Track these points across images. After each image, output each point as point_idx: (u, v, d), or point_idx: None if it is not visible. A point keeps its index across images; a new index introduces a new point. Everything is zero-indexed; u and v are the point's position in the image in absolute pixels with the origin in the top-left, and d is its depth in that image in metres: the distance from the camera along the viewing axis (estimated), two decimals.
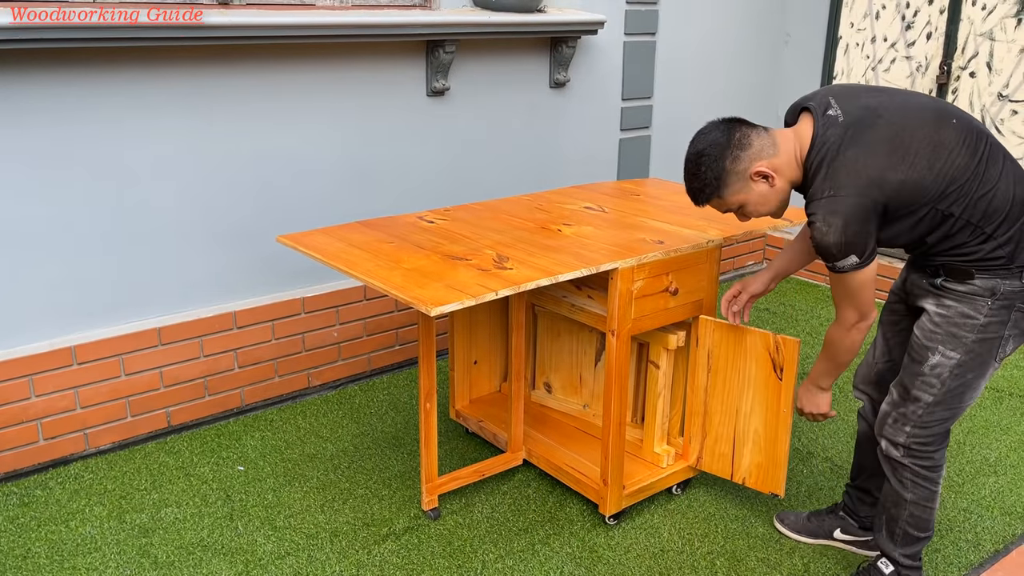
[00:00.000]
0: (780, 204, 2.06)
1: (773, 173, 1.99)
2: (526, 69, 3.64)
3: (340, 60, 3.14)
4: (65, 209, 2.72)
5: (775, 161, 2.00)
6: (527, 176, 3.77)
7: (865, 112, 1.93)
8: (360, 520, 2.57)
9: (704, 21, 4.26)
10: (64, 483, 2.75)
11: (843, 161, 1.89)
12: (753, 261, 4.91)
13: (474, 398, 3.09)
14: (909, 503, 2.11)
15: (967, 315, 1.96)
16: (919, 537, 2.17)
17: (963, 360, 1.99)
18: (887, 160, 1.87)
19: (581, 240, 2.47)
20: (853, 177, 1.88)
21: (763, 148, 2.00)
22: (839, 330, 2.06)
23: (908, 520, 2.14)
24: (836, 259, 1.92)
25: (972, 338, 1.97)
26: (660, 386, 2.60)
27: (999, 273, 1.93)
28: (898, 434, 2.07)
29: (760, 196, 2.03)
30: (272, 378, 3.27)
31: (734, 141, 2.01)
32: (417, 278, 2.14)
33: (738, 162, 2.00)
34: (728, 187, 2.03)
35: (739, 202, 2.05)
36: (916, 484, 2.10)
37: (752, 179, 2.01)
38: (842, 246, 1.90)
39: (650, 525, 2.56)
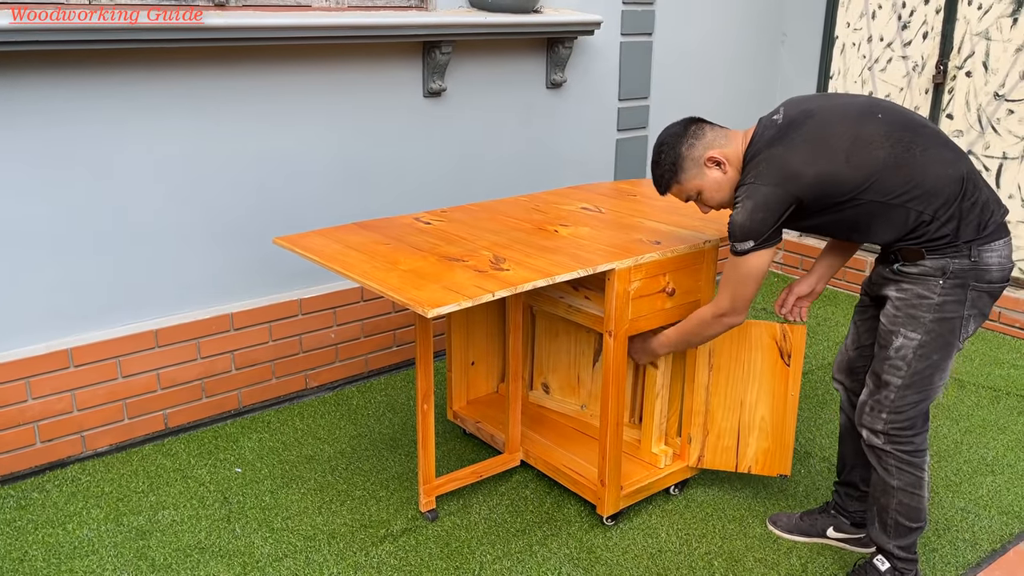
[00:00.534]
0: (732, 193, 2.18)
1: (724, 160, 2.16)
2: (522, 70, 3.64)
3: (336, 61, 3.14)
4: (61, 210, 2.72)
5: (726, 151, 2.17)
6: (524, 177, 3.77)
7: (800, 114, 2.09)
8: (358, 522, 2.57)
9: (701, 21, 4.26)
10: (61, 486, 2.74)
11: (768, 155, 2.07)
12: None
13: (471, 399, 3.09)
14: (896, 490, 2.14)
15: (922, 295, 2.04)
16: (911, 527, 2.18)
17: (924, 340, 2.06)
18: (806, 156, 2.03)
19: (578, 241, 2.47)
20: (773, 169, 2.05)
21: (715, 139, 2.19)
22: (705, 312, 2.29)
23: (898, 508, 2.16)
24: (735, 239, 2.11)
25: (930, 318, 2.05)
26: (658, 386, 2.61)
27: (947, 252, 2.01)
28: (876, 421, 2.13)
29: (714, 182, 2.18)
30: (269, 380, 3.26)
31: (689, 132, 2.20)
32: (414, 279, 2.13)
33: (692, 149, 2.18)
34: (684, 172, 2.20)
35: (696, 188, 2.21)
36: (901, 470, 2.13)
37: (706, 165, 2.18)
38: (744, 228, 2.08)
39: (648, 526, 2.56)
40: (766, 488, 2.75)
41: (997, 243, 2.02)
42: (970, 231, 2.00)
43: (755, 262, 2.12)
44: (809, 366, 3.65)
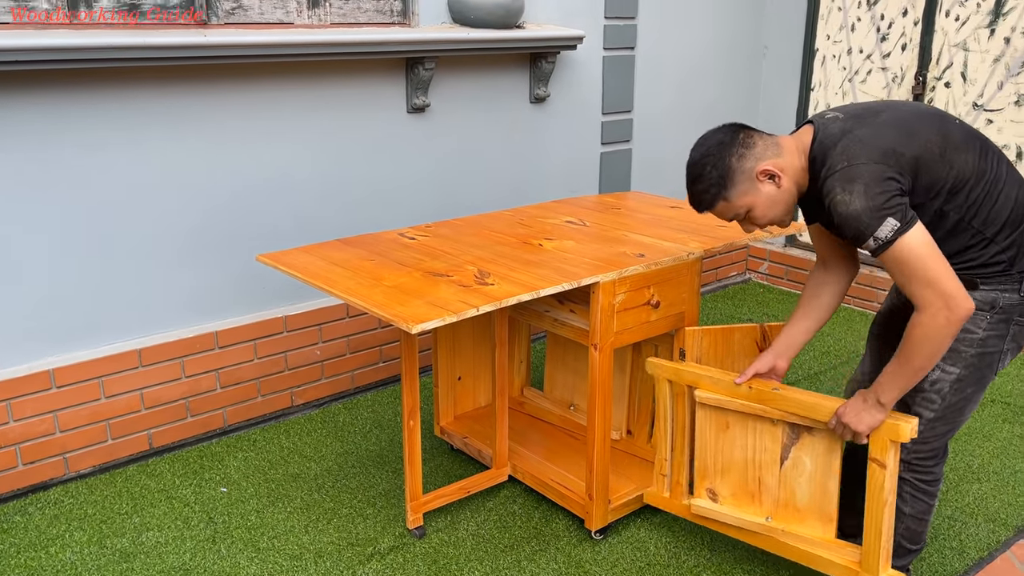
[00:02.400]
0: (787, 209, 1.99)
1: (780, 173, 1.93)
2: (506, 85, 3.66)
3: (320, 78, 3.14)
4: (42, 230, 2.70)
5: (780, 161, 1.94)
6: (509, 191, 3.78)
7: (864, 110, 1.93)
8: (344, 540, 2.55)
9: (683, 35, 4.29)
10: (44, 508, 2.71)
11: (854, 138, 1.84)
12: (736, 272, 4.93)
13: (459, 414, 3.08)
14: (907, 516, 2.11)
15: (967, 330, 1.94)
16: (911, 549, 2.17)
17: (963, 375, 1.97)
18: (898, 139, 1.83)
19: (562, 254, 2.47)
20: (867, 149, 1.82)
21: (767, 148, 1.95)
22: (928, 323, 1.79)
23: (903, 533, 2.13)
24: (872, 229, 1.77)
25: (972, 352, 1.95)
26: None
27: (1000, 281, 1.91)
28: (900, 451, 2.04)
29: (768, 199, 1.95)
30: (255, 398, 3.24)
31: (739, 140, 1.95)
32: (398, 295, 2.13)
33: (744, 160, 1.93)
34: (735, 187, 1.94)
35: (747, 205, 1.96)
36: (915, 498, 2.09)
37: (759, 179, 1.94)
38: (872, 210, 1.76)
39: (637, 539, 2.55)
40: None
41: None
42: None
43: (916, 242, 1.77)
44: (792, 376, 3.65)
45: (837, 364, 3.78)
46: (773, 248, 4.85)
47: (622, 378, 2.84)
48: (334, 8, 3.16)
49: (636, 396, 2.85)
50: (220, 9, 2.91)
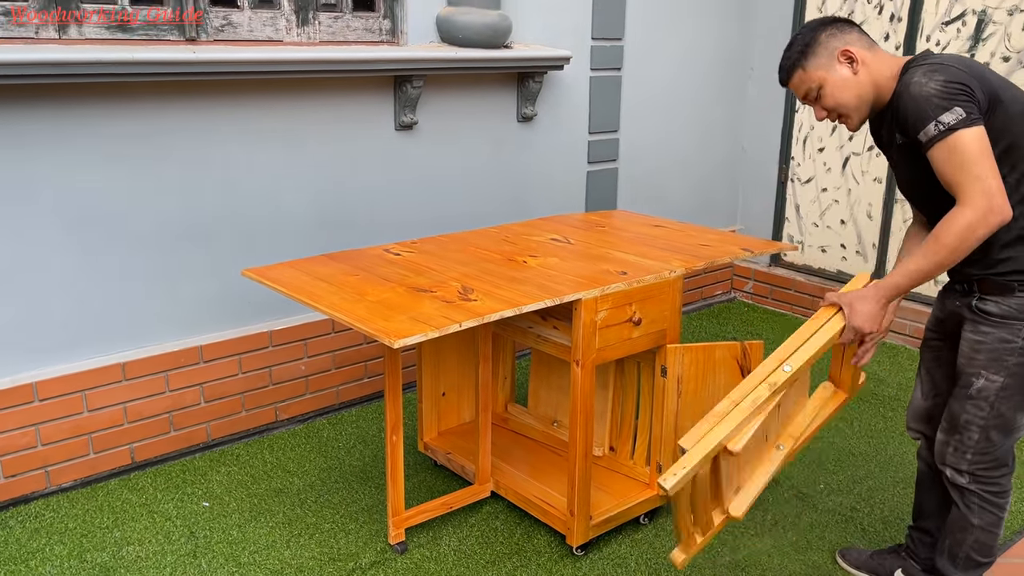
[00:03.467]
0: (856, 98, 2.01)
1: (860, 60, 1.98)
2: (494, 103, 3.69)
3: (309, 95, 3.17)
4: (26, 244, 2.71)
5: (866, 54, 2.00)
6: (496, 208, 3.81)
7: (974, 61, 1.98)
8: (326, 555, 2.55)
9: (670, 56, 4.35)
10: (24, 522, 2.70)
11: (945, 58, 1.91)
12: (721, 291, 4.97)
13: (442, 430, 3.08)
14: (976, 528, 2.13)
15: (1005, 339, 1.99)
16: (981, 562, 2.18)
17: (1007, 383, 2.01)
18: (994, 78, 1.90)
19: (546, 271, 2.49)
20: (961, 63, 1.88)
21: (860, 39, 2.02)
22: (961, 216, 1.82)
23: (973, 545, 2.15)
24: (938, 113, 1.81)
25: (1014, 360, 1.99)
26: None
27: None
28: (960, 462, 2.09)
29: (841, 79, 2.00)
30: (239, 412, 3.24)
31: (837, 24, 2.03)
32: (381, 310, 2.15)
33: (832, 38, 2.01)
34: (813, 57, 2.01)
35: (819, 80, 2.01)
36: (983, 510, 2.11)
37: (838, 59, 2.00)
38: (944, 96, 1.81)
39: (617, 555, 2.56)
40: None
41: None
42: None
43: (973, 135, 1.80)
44: None
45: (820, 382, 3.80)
46: (758, 268, 4.89)
47: (605, 395, 2.86)
48: (323, 26, 3.20)
49: (619, 413, 2.87)
50: (210, 26, 2.94)
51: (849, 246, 4.50)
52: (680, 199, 4.61)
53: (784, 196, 4.75)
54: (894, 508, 2.84)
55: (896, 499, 2.88)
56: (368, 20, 3.31)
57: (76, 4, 2.69)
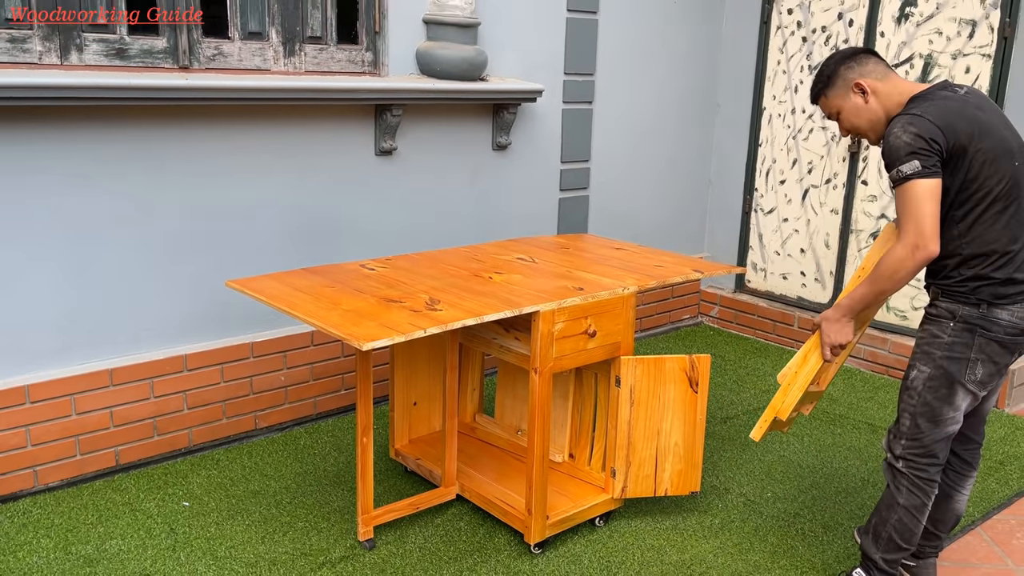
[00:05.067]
0: (868, 123, 2.35)
1: (870, 91, 2.32)
2: (470, 132, 3.91)
3: (294, 121, 3.38)
4: (22, 254, 2.89)
5: (877, 84, 2.32)
6: (470, 232, 4.01)
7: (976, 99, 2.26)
8: (298, 550, 2.71)
9: (639, 91, 4.59)
10: (13, 517, 2.85)
11: (939, 103, 2.21)
12: (688, 315, 5.18)
13: (413, 438, 3.26)
14: (901, 507, 2.37)
15: (935, 335, 2.30)
16: (901, 547, 2.40)
17: (933, 374, 2.29)
18: (968, 130, 2.17)
19: (509, 286, 2.69)
20: (941, 115, 2.17)
21: (873, 71, 2.34)
22: (896, 252, 2.19)
23: (895, 525, 2.38)
24: (901, 162, 2.14)
25: (939, 355, 2.28)
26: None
27: (956, 298, 2.26)
28: (896, 447, 2.38)
29: (854, 107, 2.35)
30: (220, 419, 3.40)
31: (855, 58, 2.36)
32: (353, 318, 2.33)
33: (849, 71, 2.35)
34: (833, 88, 2.38)
35: (837, 107, 2.39)
36: (911, 492, 2.36)
37: (852, 90, 2.34)
38: (910, 148, 2.13)
39: (572, 554, 2.73)
40: (684, 520, 2.94)
41: (1015, 306, 2.23)
42: (988, 295, 2.22)
43: (925, 186, 2.13)
44: (735, 411, 3.88)
45: None
46: (723, 293, 5.11)
47: (564, 404, 3.05)
48: (309, 57, 3.42)
49: (578, 422, 3.05)
50: (202, 55, 3.15)
51: (808, 274, 4.73)
52: (649, 227, 4.83)
53: (748, 225, 4.99)
54: (835, 515, 3.02)
55: (837, 507, 3.07)
56: (351, 52, 3.53)
57: (77, 32, 2.90)
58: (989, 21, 3.89)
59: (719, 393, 4.07)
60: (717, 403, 3.94)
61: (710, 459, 3.36)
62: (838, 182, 4.52)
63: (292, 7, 3.33)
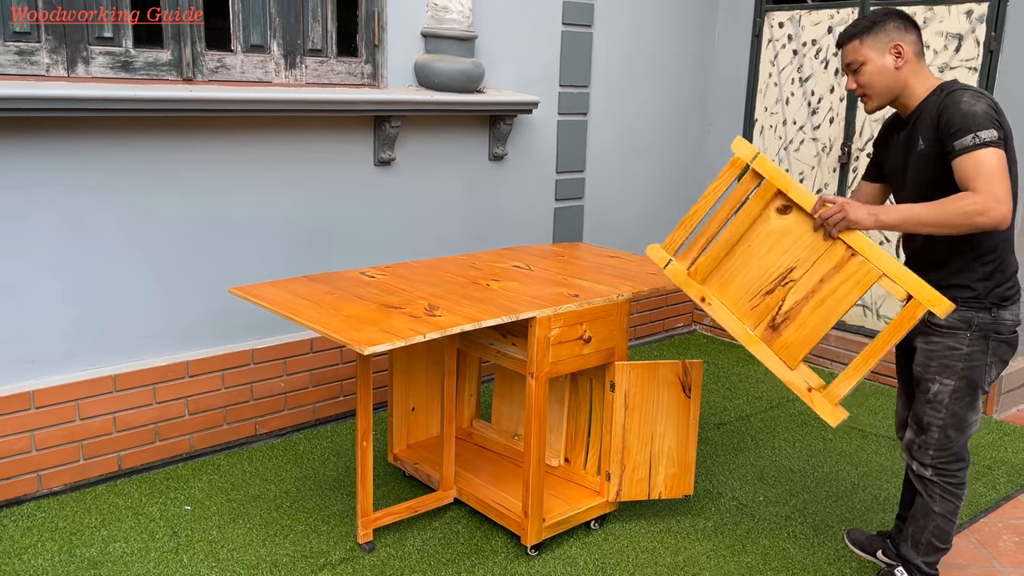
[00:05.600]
0: (887, 85, 2.33)
1: (904, 58, 2.31)
2: (467, 143, 3.99)
3: (295, 132, 3.44)
4: (28, 262, 2.94)
5: (912, 57, 2.32)
6: (467, 241, 4.08)
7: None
8: (299, 552, 2.76)
9: (633, 102, 4.67)
10: (17, 521, 2.89)
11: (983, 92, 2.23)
12: (682, 323, 5.25)
13: (411, 443, 3.31)
14: (937, 515, 2.45)
15: (952, 347, 2.33)
16: (939, 548, 2.49)
17: (958, 386, 2.35)
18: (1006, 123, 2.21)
19: (506, 293, 2.75)
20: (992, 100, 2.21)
21: (915, 44, 2.34)
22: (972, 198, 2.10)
23: (933, 531, 2.47)
24: (980, 128, 2.12)
25: (961, 366, 2.34)
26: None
27: (972, 306, 2.30)
28: (924, 457, 2.43)
29: (883, 66, 2.32)
30: (221, 425, 3.45)
31: (908, 22, 2.35)
32: (354, 323, 2.39)
33: (894, 32, 2.32)
34: (872, 37, 2.33)
35: (865, 58, 2.34)
36: (944, 499, 2.44)
37: (890, 49, 2.32)
38: (988, 117, 2.14)
39: (568, 556, 2.79)
40: (677, 523, 3.00)
41: (1014, 306, 2.34)
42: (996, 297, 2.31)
43: (999, 155, 2.13)
44: (728, 417, 3.94)
45: (768, 408, 4.07)
46: None
47: (560, 409, 3.10)
48: (309, 69, 3.49)
49: (573, 426, 3.11)
50: (205, 67, 3.22)
51: None
52: (643, 236, 4.89)
53: None
54: (826, 518, 3.08)
55: (828, 511, 3.13)
56: (351, 64, 3.60)
57: (84, 45, 2.96)
58: (975, 35, 3.98)
59: (712, 399, 4.14)
60: (710, 409, 4.00)
61: (703, 463, 3.42)
62: (829, 192, 4.60)
63: (293, 20, 3.40)
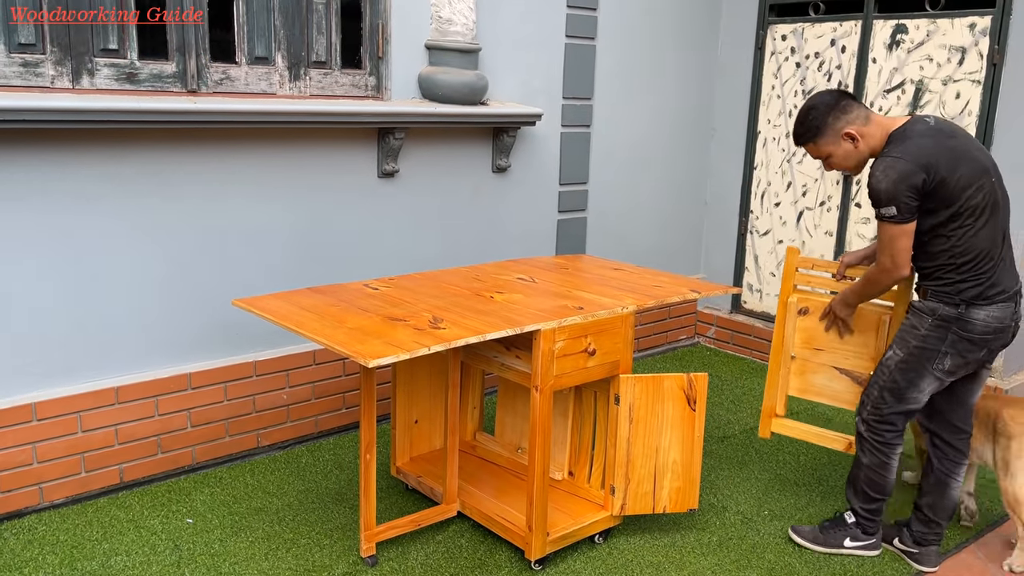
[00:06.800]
0: (857, 164, 2.68)
1: (860, 137, 2.61)
2: (470, 155, 3.99)
3: (298, 143, 3.44)
4: (31, 273, 2.94)
5: (863, 129, 2.62)
6: (470, 253, 4.07)
7: (948, 128, 2.59)
8: (302, 566, 2.74)
9: (637, 115, 4.68)
10: (18, 534, 2.87)
11: (916, 141, 2.52)
12: (686, 336, 5.23)
13: (414, 456, 3.29)
14: (865, 466, 2.79)
15: (914, 326, 2.66)
16: (874, 497, 2.81)
17: (905, 358, 2.66)
18: (945, 161, 2.48)
19: (510, 305, 2.74)
20: (915, 152, 2.49)
21: (858, 117, 2.62)
22: (872, 272, 2.69)
23: (865, 480, 2.80)
24: (881, 205, 2.51)
25: (914, 343, 2.65)
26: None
27: (942, 299, 2.60)
28: (863, 411, 2.78)
29: (844, 152, 2.65)
30: (223, 438, 3.44)
31: (840, 105, 2.63)
32: (359, 336, 2.38)
33: (837, 121, 2.62)
34: (823, 137, 2.65)
35: (827, 152, 2.68)
36: (872, 452, 2.76)
37: (842, 138, 2.63)
38: (889, 195, 2.48)
39: (572, 570, 2.77)
40: (682, 537, 2.98)
41: (991, 307, 2.56)
42: (969, 296, 2.56)
43: (902, 229, 2.52)
44: (732, 430, 3.92)
45: None
46: (720, 314, 5.17)
47: (564, 423, 3.09)
48: (313, 81, 3.49)
49: (577, 440, 3.09)
50: (209, 79, 3.22)
51: None
52: (646, 248, 4.90)
53: (744, 247, 5.06)
54: None
55: None
56: (355, 76, 3.61)
57: (89, 57, 2.97)
58: (978, 48, 3.98)
59: (716, 412, 4.12)
60: (714, 422, 3.99)
61: (708, 477, 3.40)
62: (832, 204, 4.59)
63: (297, 33, 3.41)
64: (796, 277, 3.12)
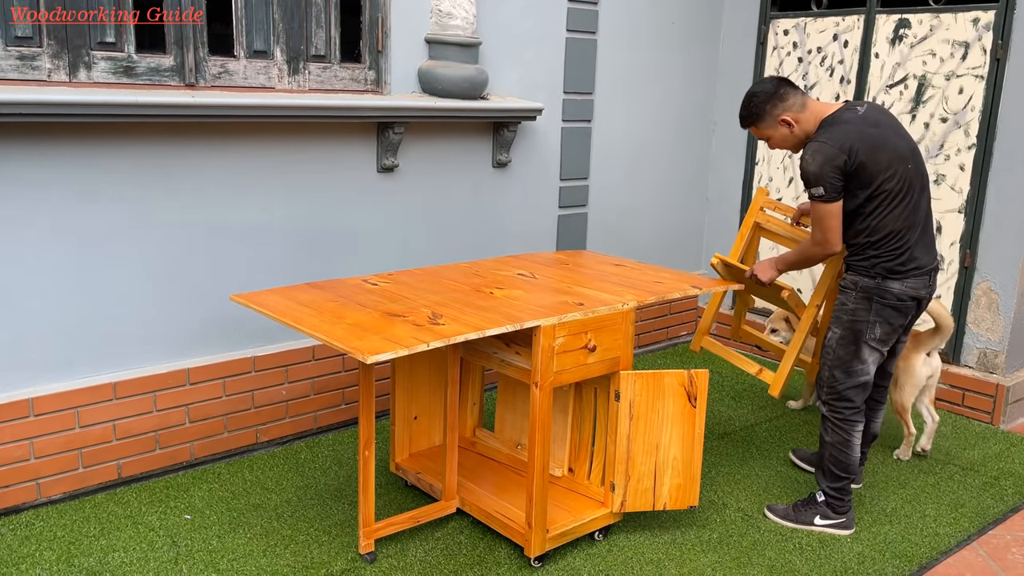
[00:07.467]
0: (794, 145, 2.94)
1: (795, 123, 2.88)
2: (470, 150, 3.96)
3: (297, 138, 3.42)
4: (29, 268, 2.92)
5: (799, 115, 2.88)
6: (471, 248, 4.05)
7: (874, 115, 2.82)
8: (300, 563, 2.72)
9: (638, 110, 4.65)
10: (15, 530, 2.86)
11: (841, 127, 2.77)
12: (686, 332, 5.22)
13: (413, 452, 3.28)
14: (828, 444, 2.99)
15: (843, 303, 2.91)
16: (840, 476, 2.98)
17: (843, 334, 2.91)
18: (867, 147, 2.73)
19: (510, 301, 2.73)
20: (840, 137, 2.74)
21: (794, 104, 2.88)
22: (806, 245, 2.95)
23: (830, 459, 2.98)
24: (810, 185, 2.77)
25: (846, 319, 2.90)
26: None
27: (860, 272, 2.86)
28: (821, 394, 3.02)
29: (782, 136, 2.93)
30: (222, 433, 3.43)
31: (778, 94, 2.88)
32: (357, 332, 2.37)
33: (774, 108, 2.89)
34: (763, 121, 2.93)
35: (767, 135, 2.96)
36: (834, 431, 2.97)
37: (779, 123, 2.90)
38: (817, 176, 2.75)
39: (572, 567, 2.75)
40: (683, 534, 2.97)
41: (907, 279, 2.82)
42: (882, 270, 2.82)
43: (829, 208, 2.78)
44: (733, 427, 3.91)
45: (773, 417, 4.04)
46: (721, 310, 5.13)
47: (564, 419, 3.07)
48: (313, 75, 3.47)
49: (577, 436, 3.08)
50: (208, 73, 3.20)
51: (805, 290, 4.77)
52: (647, 244, 4.88)
53: None
54: None
55: None
56: (354, 70, 3.59)
57: (86, 51, 2.95)
58: (982, 43, 3.96)
59: (716, 409, 4.11)
60: (715, 419, 3.97)
61: (708, 474, 3.39)
62: None
63: (296, 26, 3.39)
64: (758, 215, 3.46)
